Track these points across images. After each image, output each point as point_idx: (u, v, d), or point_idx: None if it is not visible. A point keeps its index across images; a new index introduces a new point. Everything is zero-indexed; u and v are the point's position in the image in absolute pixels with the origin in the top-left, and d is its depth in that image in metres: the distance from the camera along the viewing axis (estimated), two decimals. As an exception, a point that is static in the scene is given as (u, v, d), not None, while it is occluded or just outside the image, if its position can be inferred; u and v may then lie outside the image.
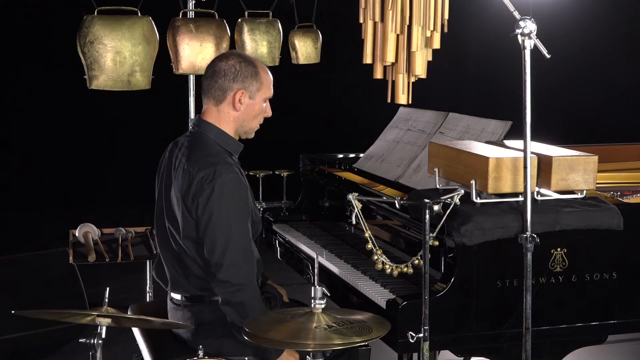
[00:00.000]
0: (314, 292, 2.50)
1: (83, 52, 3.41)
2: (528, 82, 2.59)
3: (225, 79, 2.95)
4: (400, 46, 3.23)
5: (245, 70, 2.96)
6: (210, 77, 2.97)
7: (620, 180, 3.57)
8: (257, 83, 2.98)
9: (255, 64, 3.00)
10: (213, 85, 2.96)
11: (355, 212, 2.89)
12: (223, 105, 2.97)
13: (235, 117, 2.99)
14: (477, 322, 2.79)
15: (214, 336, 2.94)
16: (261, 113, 3.04)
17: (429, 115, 3.75)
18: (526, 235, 2.62)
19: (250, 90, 2.97)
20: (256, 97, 2.99)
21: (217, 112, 2.98)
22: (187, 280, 2.98)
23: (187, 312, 3.00)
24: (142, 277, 4.42)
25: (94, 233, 4.21)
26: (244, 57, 3.00)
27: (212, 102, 2.98)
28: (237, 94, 2.95)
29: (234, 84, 2.95)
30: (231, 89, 2.95)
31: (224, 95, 2.96)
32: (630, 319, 2.99)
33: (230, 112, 2.98)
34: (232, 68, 2.95)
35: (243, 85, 2.96)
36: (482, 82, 9.10)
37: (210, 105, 2.99)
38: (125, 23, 3.40)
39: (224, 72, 2.95)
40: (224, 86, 2.95)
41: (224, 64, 2.96)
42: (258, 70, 2.99)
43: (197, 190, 2.84)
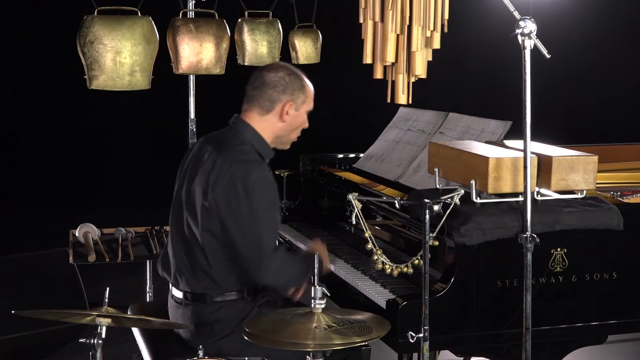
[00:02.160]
0: (314, 292, 2.50)
1: (83, 52, 3.41)
2: (528, 82, 2.59)
3: (275, 90, 3.01)
4: (400, 46, 3.23)
5: (294, 83, 3.03)
6: (259, 88, 3.02)
7: (620, 180, 3.57)
8: (303, 96, 3.06)
9: (302, 76, 3.08)
10: (262, 95, 3.02)
11: (355, 212, 2.90)
12: (269, 116, 3.03)
13: (280, 128, 3.05)
14: (477, 322, 2.79)
15: (213, 337, 2.94)
16: (302, 125, 3.11)
17: (429, 115, 3.75)
18: (526, 235, 2.62)
19: (297, 103, 3.04)
20: (301, 109, 3.07)
21: (262, 120, 3.03)
22: (193, 274, 2.98)
23: (187, 311, 3.00)
24: (142, 277, 4.42)
25: (94, 233, 4.21)
26: (292, 70, 3.07)
27: (258, 110, 3.03)
28: (285, 105, 3.02)
29: (283, 95, 3.02)
30: (280, 101, 3.02)
31: (272, 106, 3.02)
32: (630, 319, 2.99)
33: (276, 122, 3.04)
34: (282, 80, 3.02)
35: (291, 98, 3.03)
36: (482, 82, 9.09)
37: (255, 114, 3.04)
38: (125, 23, 3.40)
39: (274, 84, 3.01)
40: (273, 97, 3.01)
41: (274, 76, 3.02)
42: (304, 83, 3.07)
43: (228, 187, 2.87)
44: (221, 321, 2.93)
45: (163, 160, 8.26)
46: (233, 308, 2.95)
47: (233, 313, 2.94)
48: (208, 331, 2.95)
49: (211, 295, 2.96)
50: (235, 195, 2.85)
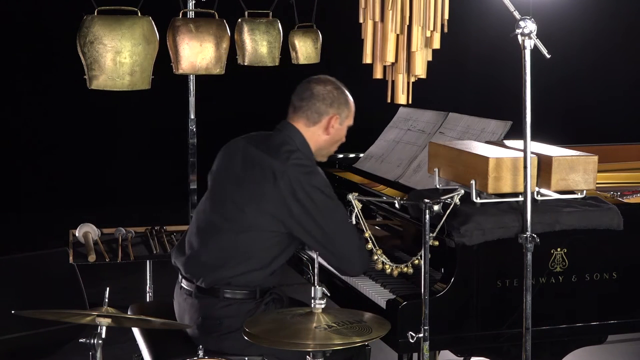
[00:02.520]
0: (314, 292, 2.50)
1: (83, 52, 3.40)
2: (528, 82, 2.59)
3: (323, 103, 3.10)
4: (400, 46, 3.23)
5: (340, 97, 3.12)
6: (308, 99, 3.11)
7: (620, 180, 3.57)
8: (347, 110, 3.15)
9: (346, 92, 3.17)
10: (310, 107, 3.10)
11: (355, 212, 2.90)
12: (316, 127, 3.11)
13: (324, 140, 3.13)
14: (477, 322, 2.79)
15: (220, 332, 2.95)
16: (341, 139, 3.20)
17: (429, 115, 3.75)
18: (526, 235, 2.62)
19: (341, 117, 3.13)
20: (344, 124, 3.16)
21: (307, 131, 3.11)
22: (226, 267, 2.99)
23: (197, 303, 3.01)
24: (142, 277, 4.42)
25: (94, 233, 4.21)
26: (339, 84, 3.16)
27: (304, 121, 3.10)
28: (332, 119, 3.10)
29: (330, 109, 3.10)
30: (327, 114, 3.10)
31: (319, 119, 3.10)
32: (630, 319, 2.99)
33: (321, 134, 3.12)
34: (330, 94, 3.11)
35: (337, 111, 3.11)
36: (482, 82, 9.09)
37: (301, 124, 3.11)
38: (125, 23, 3.40)
39: (323, 97, 3.10)
40: (320, 110, 3.10)
41: (322, 89, 3.11)
42: (349, 99, 3.16)
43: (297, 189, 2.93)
44: (230, 317, 2.95)
45: (163, 160, 8.31)
46: (243, 305, 2.97)
47: (242, 310, 2.96)
48: (216, 326, 2.96)
49: (224, 290, 2.98)
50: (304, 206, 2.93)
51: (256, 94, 8.51)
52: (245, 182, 3.02)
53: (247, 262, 2.97)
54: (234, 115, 8.53)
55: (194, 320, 3.01)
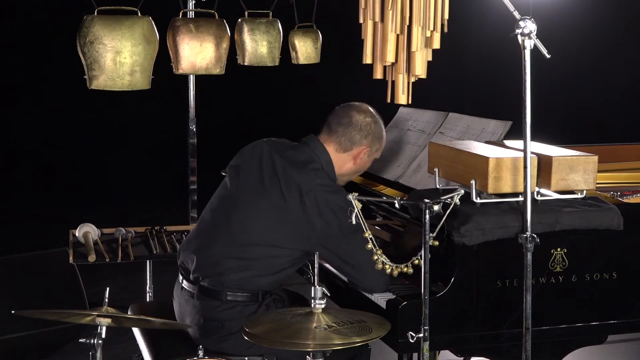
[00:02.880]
0: (314, 292, 2.50)
1: (83, 52, 3.40)
2: (528, 82, 2.59)
3: (359, 133, 3.11)
4: (400, 46, 3.23)
5: (376, 131, 3.14)
6: (346, 126, 3.10)
7: (620, 180, 3.56)
8: (379, 145, 3.17)
9: (382, 127, 3.18)
10: (346, 134, 3.10)
11: (355, 212, 2.89)
12: (345, 155, 3.11)
13: (348, 168, 3.14)
14: (477, 322, 2.79)
15: (220, 334, 2.95)
16: (364, 169, 3.21)
17: (429, 115, 3.75)
18: (526, 235, 2.61)
19: (371, 150, 3.15)
20: (372, 157, 3.17)
21: (335, 155, 3.10)
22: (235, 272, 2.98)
23: (198, 304, 3.00)
24: (142, 277, 4.42)
25: (94, 233, 4.20)
26: (377, 118, 3.17)
27: (335, 146, 3.10)
28: (362, 151, 3.11)
29: (364, 140, 3.12)
30: (360, 145, 3.11)
31: (351, 147, 3.11)
32: (630, 319, 2.99)
33: (348, 163, 3.12)
34: (368, 126, 3.12)
35: (370, 145, 3.13)
36: (482, 82, 9.09)
37: (332, 148, 3.10)
38: (125, 23, 3.39)
39: (360, 127, 3.11)
40: (355, 139, 3.10)
41: (362, 119, 3.12)
42: (383, 134, 3.18)
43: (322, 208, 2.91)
44: (231, 320, 2.94)
45: (163, 160, 8.31)
46: (245, 308, 2.96)
47: (244, 313, 2.95)
48: (217, 328, 2.96)
49: (226, 293, 2.97)
50: (330, 225, 2.91)
51: (256, 94, 8.51)
52: (268, 193, 3.00)
53: (256, 269, 2.97)
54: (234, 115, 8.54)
55: (194, 322, 3.01)
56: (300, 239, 2.94)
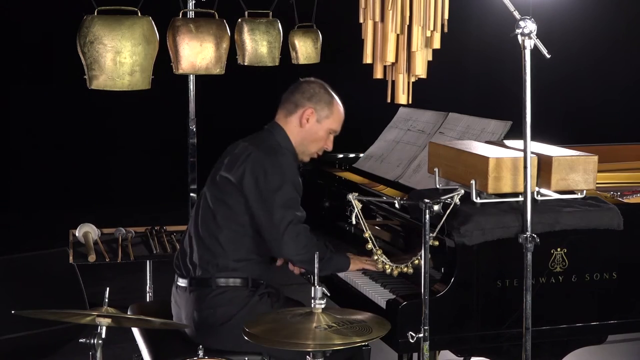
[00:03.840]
0: (314, 292, 2.50)
1: (83, 52, 3.40)
2: (528, 82, 2.59)
3: (302, 96, 3.20)
4: (400, 46, 3.23)
5: (322, 96, 3.21)
6: (290, 92, 3.23)
7: (620, 180, 3.57)
8: (328, 111, 3.20)
9: (333, 95, 3.25)
10: (290, 98, 3.21)
11: (355, 212, 2.90)
12: (291, 118, 3.19)
13: (298, 132, 3.19)
14: (477, 322, 2.79)
15: (214, 324, 2.98)
16: (322, 141, 3.23)
17: (429, 115, 3.75)
18: (526, 235, 2.62)
19: (319, 114, 3.19)
20: (323, 123, 3.20)
21: (285, 122, 3.19)
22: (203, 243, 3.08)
23: (192, 297, 3.06)
24: (142, 277, 4.42)
25: (94, 233, 4.20)
26: (326, 87, 3.25)
27: (284, 113, 3.21)
28: (306, 111, 3.18)
29: (307, 102, 3.19)
30: (303, 106, 3.18)
31: (295, 109, 3.19)
32: (630, 319, 2.99)
33: (296, 126, 3.19)
34: (311, 89, 3.21)
35: (315, 106, 3.19)
36: (482, 82, 9.09)
37: (281, 116, 3.22)
38: (125, 23, 3.39)
39: (303, 90, 3.21)
40: (297, 102, 3.19)
41: (306, 85, 3.23)
42: (333, 101, 3.23)
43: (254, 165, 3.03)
44: (223, 305, 2.99)
45: (163, 160, 8.31)
46: (236, 295, 3.01)
47: (235, 299, 3.00)
48: (211, 315, 2.99)
49: (216, 279, 3.02)
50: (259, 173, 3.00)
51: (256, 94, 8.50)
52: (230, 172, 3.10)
53: (234, 250, 3.04)
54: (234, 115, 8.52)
55: (189, 316, 3.03)
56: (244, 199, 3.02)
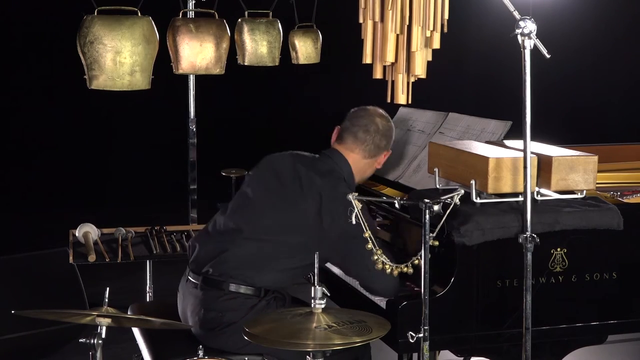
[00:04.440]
0: (314, 292, 2.50)
1: (83, 52, 3.40)
2: (528, 82, 2.59)
3: (385, 139, 3.19)
4: (400, 46, 3.23)
5: (393, 135, 3.23)
6: (373, 134, 3.16)
7: (620, 180, 3.56)
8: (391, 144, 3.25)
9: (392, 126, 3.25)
10: (374, 141, 3.16)
11: (355, 212, 2.89)
12: (371, 160, 3.19)
13: (371, 171, 3.22)
14: (477, 322, 2.79)
15: (220, 326, 2.97)
16: None
17: (429, 115, 3.75)
18: (526, 235, 2.62)
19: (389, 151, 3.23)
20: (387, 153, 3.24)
21: (360, 161, 3.16)
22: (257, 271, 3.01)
23: (201, 294, 3.03)
24: (142, 277, 4.42)
25: (94, 233, 4.20)
26: (390, 119, 3.24)
27: (362, 153, 3.16)
28: (386, 155, 3.21)
29: (388, 145, 3.20)
30: (386, 150, 3.21)
31: (378, 153, 3.19)
32: (630, 319, 2.99)
33: (372, 166, 3.21)
34: (390, 131, 3.22)
35: (390, 148, 3.22)
36: (482, 82, 9.09)
37: (357, 155, 3.16)
38: (125, 23, 3.39)
39: (384, 133, 3.18)
40: (382, 145, 3.19)
41: (385, 124, 3.21)
42: (393, 133, 3.24)
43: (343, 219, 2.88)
44: (232, 310, 2.97)
45: (163, 160, 8.31)
46: (245, 301, 2.99)
47: (245, 305, 2.98)
48: (218, 318, 2.98)
49: (228, 283, 2.99)
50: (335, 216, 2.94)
51: (256, 94, 8.51)
52: (287, 195, 3.04)
53: (264, 267, 3.00)
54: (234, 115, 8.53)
55: (195, 313, 3.02)
56: (313, 241, 2.95)
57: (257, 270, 2.99)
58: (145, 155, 8.48)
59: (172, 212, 5.52)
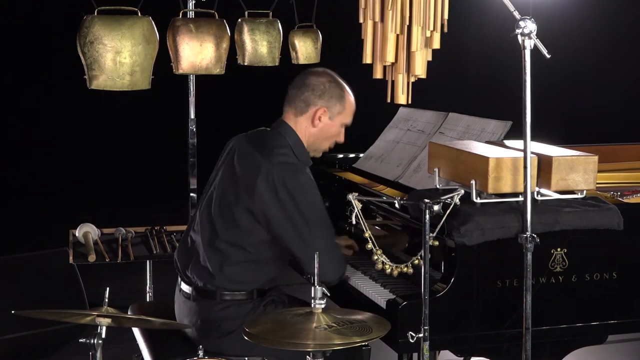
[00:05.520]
0: (314, 292, 2.50)
1: (83, 52, 3.40)
2: (528, 82, 2.59)
3: (312, 94, 3.05)
4: (400, 46, 3.23)
5: (332, 91, 3.06)
6: (298, 88, 3.07)
7: (620, 180, 3.57)
8: (340, 106, 3.08)
9: (344, 87, 3.09)
10: (299, 96, 3.06)
11: (355, 212, 2.89)
12: (302, 118, 3.06)
13: (310, 133, 3.07)
14: (477, 322, 2.79)
15: (219, 334, 2.95)
16: (335, 136, 3.13)
17: (429, 115, 3.75)
18: (526, 235, 2.62)
19: (331, 111, 3.07)
20: (335, 119, 3.09)
21: (295, 122, 3.07)
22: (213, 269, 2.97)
23: (195, 306, 3.01)
24: (142, 277, 4.42)
25: (94, 233, 4.21)
26: (335, 78, 3.09)
27: (293, 111, 3.07)
28: (318, 110, 3.05)
29: (318, 100, 3.05)
30: (314, 105, 3.05)
31: (306, 109, 3.05)
32: (630, 319, 2.99)
33: (308, 126, 3.07)
34: (322, 85, 3.05)
35: (327, 104, 3.05)
36: (482, 82, 9.09)
37: (290, 114, 3.08)
38: (125, 23, 3.40)
39: (313, 87, 3.05)
40: (308, 100, 3.05)
41: (315, 79, 3.06)
42: (344, 95, 3.09)
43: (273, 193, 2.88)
44: (228, 319, 2.95)
45: (163, 160, 8.31)
46: (241, 307, 2.97)
47: (241, 312, 2.96)
48: (215, 328, 2.96)
49: (221, 293, 2.97)
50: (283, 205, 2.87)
51: (256, 94, 8.50)
52: (238, 180, 3.00)
53: (238, 263, 2.97)
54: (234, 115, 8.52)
55: (192, 323, 3.01)
56: (261, 219, 2.92)
57: (240, 272, 2.96)
58: (145, 155, 8.48)
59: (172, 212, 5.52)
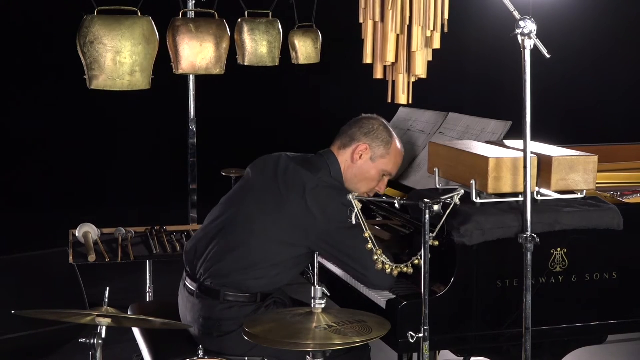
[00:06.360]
0: (314, 292, 2.50)
1: (83, 52, 3.40)
2: (528, 82, 2.59)
3: (360, 130, 3.09)
4: (400, 46, 3.22)
5: (380, 133, 3.09)
6: (349, 126, 3.13)
7: (620, 180, 3.56)
8: (384, 150, 3.09)
9: (393, 135, 3.12)
10: (347, 131, 3.11)
11: (355, 212, 2.89)
12: (344, 151, 3.09)
13: (348, 168, 3.08)
14: (477, 322, 2.79)
15: (220, 332, 2.96)
16: (373, 181, 3.12)
17: (429, 115, 3.75)
18: (526, 235, 2.62)
19: (374, 152, 3.08)
20: (376, 162, 3.09)
21: (338, 154, 3.08)
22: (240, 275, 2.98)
23: (198, 303, 3.02)
24: (142, 277, 4.42)
25: (94, 233, 4.21)
26: (386, 126, 3.13)
27: (338, 144, 3.11)
28: (360, 146, 3.07)
29: (364, 137, 3.08)
30: (358, 141, 3.08)
31: (350, 143, 3.08)
32: (630, 319, 2.99)
33: (348, 160, 3.08)
34: (371, 125, 3.09)
35: (371, 144, 3.08)
36: (482, 82, 9.09)
37: (335, 147, 3.11)
38: (125, 23, 3.39)
39: (362, 125, 3.10)
40: (354, 136, 3.08)
41: (367, 121, 3.12)
42: (392, 141, 3.11)
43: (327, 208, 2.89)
44: (229, 319, 2.95)
45: (163, 160, 8.31)
46: (243, 308, 2.97)
47: (242, 313, 2.96)
48: (216, 327, 2.97)
49: (224, 293, 2.97)
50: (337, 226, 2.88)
51: (256, 94, 8.51)
52: (272, 192, 3.00)
53: (258, 269, 2.97)
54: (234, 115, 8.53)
55: (195, 320, 3.02)
56: (300, 234, 2.93)
57: (248, 275, 2.96)
58: (145, 155, 8.48)
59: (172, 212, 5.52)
